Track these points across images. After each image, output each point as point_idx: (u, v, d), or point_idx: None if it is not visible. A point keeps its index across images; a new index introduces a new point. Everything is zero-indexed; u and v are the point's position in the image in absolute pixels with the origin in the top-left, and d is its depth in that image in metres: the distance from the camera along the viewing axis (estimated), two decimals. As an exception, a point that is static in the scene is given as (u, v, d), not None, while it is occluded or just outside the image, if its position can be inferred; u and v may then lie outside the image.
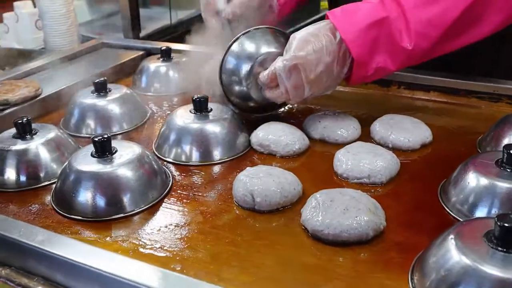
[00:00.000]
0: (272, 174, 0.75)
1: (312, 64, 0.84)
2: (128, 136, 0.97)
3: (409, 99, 1.11)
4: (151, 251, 0.65)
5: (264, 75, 0.89)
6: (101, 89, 0.99)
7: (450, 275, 0.53)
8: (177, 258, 0.64)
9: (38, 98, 1.05)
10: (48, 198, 0.78)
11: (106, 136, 0.76)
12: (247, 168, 0.78)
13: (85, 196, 0.72)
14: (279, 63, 0.85)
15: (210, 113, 0.91)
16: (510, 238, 0.53)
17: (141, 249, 0.66)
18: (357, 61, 0.84)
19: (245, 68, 0.93)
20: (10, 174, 0.80)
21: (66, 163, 0.77)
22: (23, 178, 0.80)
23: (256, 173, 0.75)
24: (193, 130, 0.88)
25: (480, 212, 0.69)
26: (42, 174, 0.81)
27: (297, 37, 0.85)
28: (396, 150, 0.88)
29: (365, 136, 0.93)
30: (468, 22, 0.85)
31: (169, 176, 0.82)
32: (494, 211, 0.68)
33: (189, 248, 0.65)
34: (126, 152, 0.77)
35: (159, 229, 0.70)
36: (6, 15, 1.64)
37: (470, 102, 1.07)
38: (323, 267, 0.62)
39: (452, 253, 0.55)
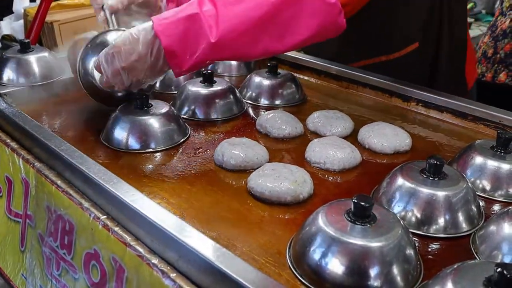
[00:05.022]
0: (245, 144, 0.96)
1: (126, 52, 0.94)
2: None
3: (423, 116, 1.21)
4: (136, 175, 0.91)
5: (93, 62, 1.03)
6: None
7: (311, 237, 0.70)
8: (149, 182, 0.89)
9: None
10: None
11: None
12: (233, 137, 1.00)
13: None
14: (102, 52, 0.98)
15: (214, 84, 1.18)
16: (363, 213, 0.69)
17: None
18: (166, 51, 0.92)
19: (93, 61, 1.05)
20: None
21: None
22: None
23: (234, 141, 0.97)
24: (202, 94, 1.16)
25: (397, 207, 0.82)
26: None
27: (122, 33, 0.98)
28: (371, 151, 1.02)
29: (353, 136, 1.08)
30: (281, 23, 0.93)
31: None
32: (409, 207, 0.81)
33: (161, 179, 0.90)
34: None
35: (154, 165, 0.96)
36: None
37: (476, 128, 1.15)
38: (241, 212, 0.82)
39: (317, 222, 0.70)
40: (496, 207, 0.87)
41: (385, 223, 0.69)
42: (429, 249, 0.76)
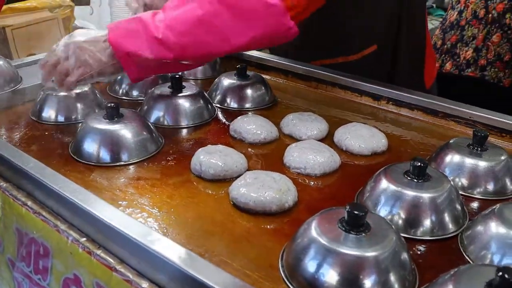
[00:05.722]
0: (222, 152, 0.93)
1: (83, 33, 1.00)
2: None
3: (394, 114, 1.22)
4: (112, 190, 0.87)
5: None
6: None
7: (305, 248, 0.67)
8: (126, 197, 0.84)
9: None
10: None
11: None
12: (208, 145, 0.97)
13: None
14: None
15: (184, 89, 1.15)
16: (357, 222, 0.67)
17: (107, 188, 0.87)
18: (111, 44, 0.96)
19: None
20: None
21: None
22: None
23: (210, 150, 0.93)
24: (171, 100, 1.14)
25: (383, 210, 0.82)
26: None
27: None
28: (349, 153, 1.02)
29: (330, 138, 1.07)
30: (222, 24, 0.95)
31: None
32: (395, 211, 0.81)
33: (139, 194, 0.86)
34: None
35: (129, 178, 0.91)
36: (93, -1, 1.95)
37: (447, 124, 1.16)
38: (226, 224, 0.79)
39: (310, 232, 0.68)
40: (476, 205, 0.88)
41: (379, 231, 0.68)
42: (418, 252, 0.76)
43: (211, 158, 0.91)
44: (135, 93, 1.28)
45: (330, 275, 0.64)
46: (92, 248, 0.69)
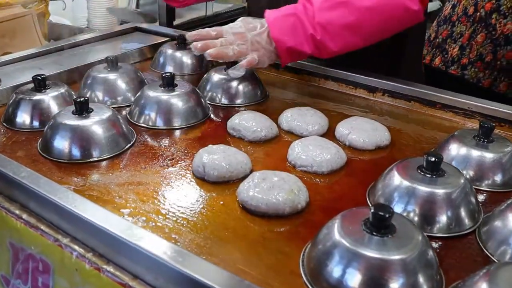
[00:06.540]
0: (225, 152, 0.88)
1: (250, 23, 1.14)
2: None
3: (391, 106, 1.20)
4: (112, 198, 0.81)
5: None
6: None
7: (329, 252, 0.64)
8: (128, 205, 0.79)
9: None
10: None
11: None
12: (209, 145, 0.92)
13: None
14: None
15: (176, 88, 1.09)
16: (383, 224, 0.64)
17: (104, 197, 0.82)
18: (274, 40, 1.10)
19: None
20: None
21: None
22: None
23: (212, 150, 0.89)
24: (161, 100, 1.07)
25: (396, 208, 0.79)
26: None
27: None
28: (352, 148, 0.99)
29: (330, 133, 1.04)
30: (369, 28, 1.10)
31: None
32: (410, 208, 0.78)
33: (140, 199, 0.81)
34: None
35: (126, 184, 0.86)
36: (65, -7, 1.86)
37: (444, 115, 1.15)
38: (238, 230, 0.75)
39: (333, 235, 0.65)
40: (485, 197, 0.86)
41: (404, 232, 0.65)
42: (437, 250, 0.73)
43: (215, 159, 0.86)
44: (106, 99, 1.17)
45: (357, 280, 0.61)
46: (101, 263, 0.64)
